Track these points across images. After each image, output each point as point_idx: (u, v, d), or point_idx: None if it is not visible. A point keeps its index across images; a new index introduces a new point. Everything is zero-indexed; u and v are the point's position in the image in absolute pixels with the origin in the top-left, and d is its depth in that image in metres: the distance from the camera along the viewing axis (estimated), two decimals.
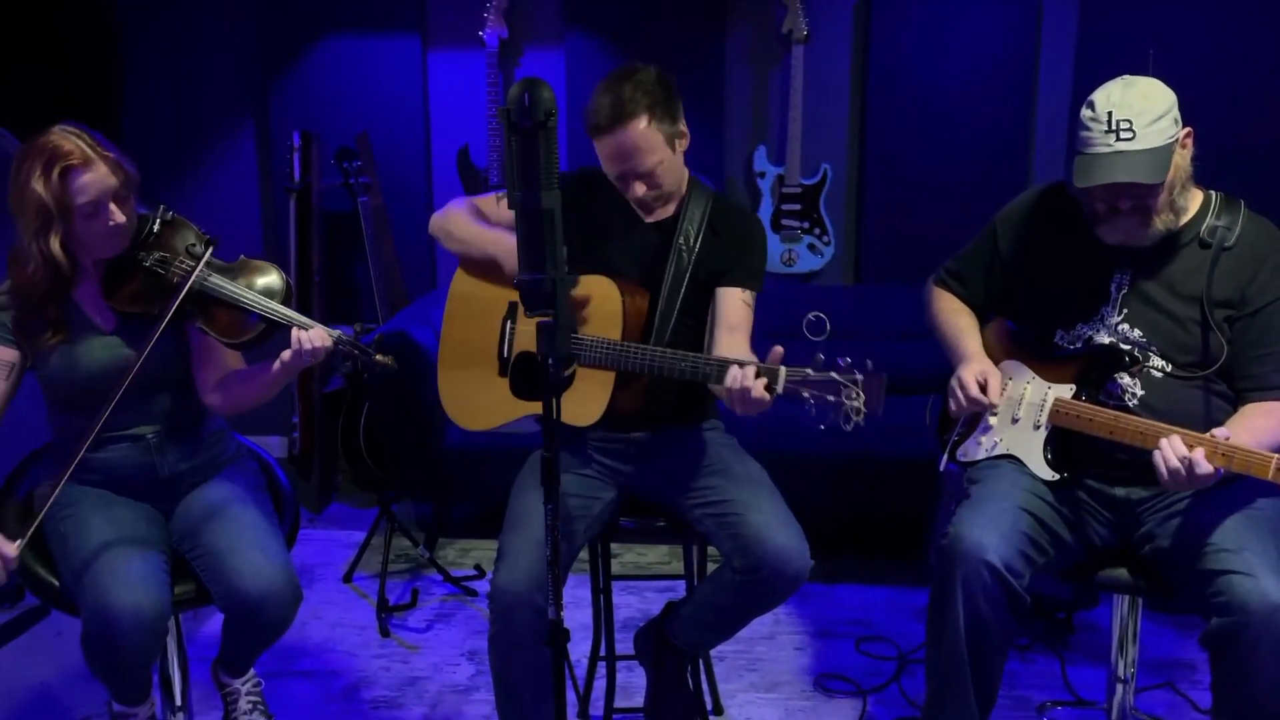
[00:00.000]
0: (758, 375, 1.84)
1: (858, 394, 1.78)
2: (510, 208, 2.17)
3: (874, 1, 3.97)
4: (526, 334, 2.16)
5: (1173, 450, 1.79)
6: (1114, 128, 1.86)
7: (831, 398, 1.79)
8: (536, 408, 1.69)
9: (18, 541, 1.85)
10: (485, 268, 2.23)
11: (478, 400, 2.23)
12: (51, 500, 1.89)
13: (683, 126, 2.12)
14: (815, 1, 3.99)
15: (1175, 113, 1.90)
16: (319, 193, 3.84)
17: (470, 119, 4.22)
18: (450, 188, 4.24)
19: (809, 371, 1.82)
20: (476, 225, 2.24)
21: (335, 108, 4.19)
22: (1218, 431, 1.80)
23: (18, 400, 2.06)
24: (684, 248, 2.15)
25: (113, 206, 1.93)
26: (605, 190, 2.19)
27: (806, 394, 1.82)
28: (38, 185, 1.86)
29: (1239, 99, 3.82)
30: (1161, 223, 1.94)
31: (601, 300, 2.09)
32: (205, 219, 2.24)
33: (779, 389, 1.84)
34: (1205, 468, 1.76)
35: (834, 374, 1.79)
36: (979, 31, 3.95)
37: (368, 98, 4.19)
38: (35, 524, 1.90)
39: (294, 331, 1.96)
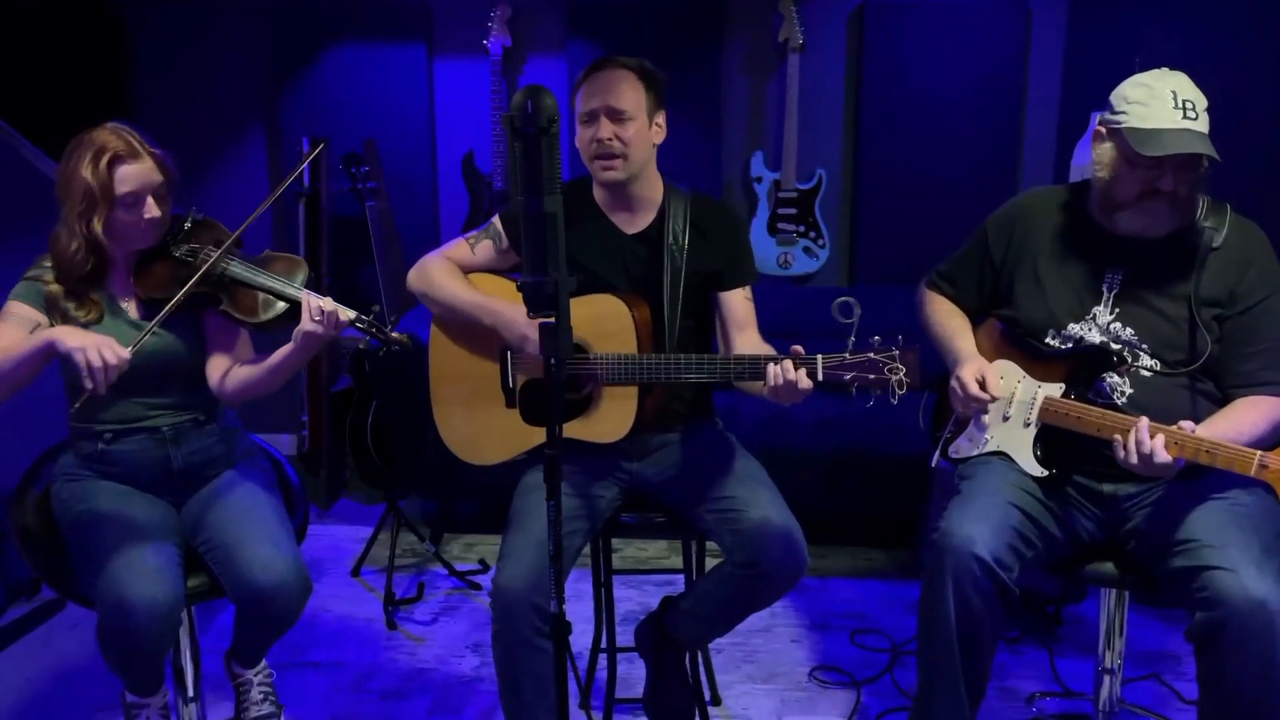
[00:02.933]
0: (796, 367, 1.86)
1: (897, 367, 1.82)
2: (505, 221, 2.22)
3: (868, 11, 3.98)
4: (531, 364, 2.15)
5: (1133, 442, 1.82)
6: (1180, 105, 1.87)
7: (873, 376, 1.84)
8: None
9: (130, 347, 1.87)
10: (472, 327, 2.18)
11: (488, 436, 2.19)
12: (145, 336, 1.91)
13: (661, 119, 2.15)
14: (811, 11, 4.00)
15: None
16: (328, 197, 3.85)
17: (475, 125, 4.23)
18: (455, 192, 4.25)
19: (845, 355, 1.85)
20: (462, 288, 2.18)
21: (344, 114, 4.19)
22: (1185, 424, 1.82)
23: (36, 394, 2.06)
24: (674, 247, 2.14)
25: (151, 200, 2.00)
26: (585, 207, 2.19)
27: (848, 376, 1.85)
28: (85, 172, 1.94)
29: (1222, 106, 3.81)
30: (1183, 215, 1.95)
31: (611, 317, 2.08)
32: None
33: (820, 377, 1.86)
34: (1163, 457, 1.79)
35: (871, 354, 1.83)
36: (970, 40, 3.96)
37: (375, 105, 4.20)
38: (144, 334, 1.92)
39: (304, 299, 1.96)
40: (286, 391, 3.91)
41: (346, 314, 1.96)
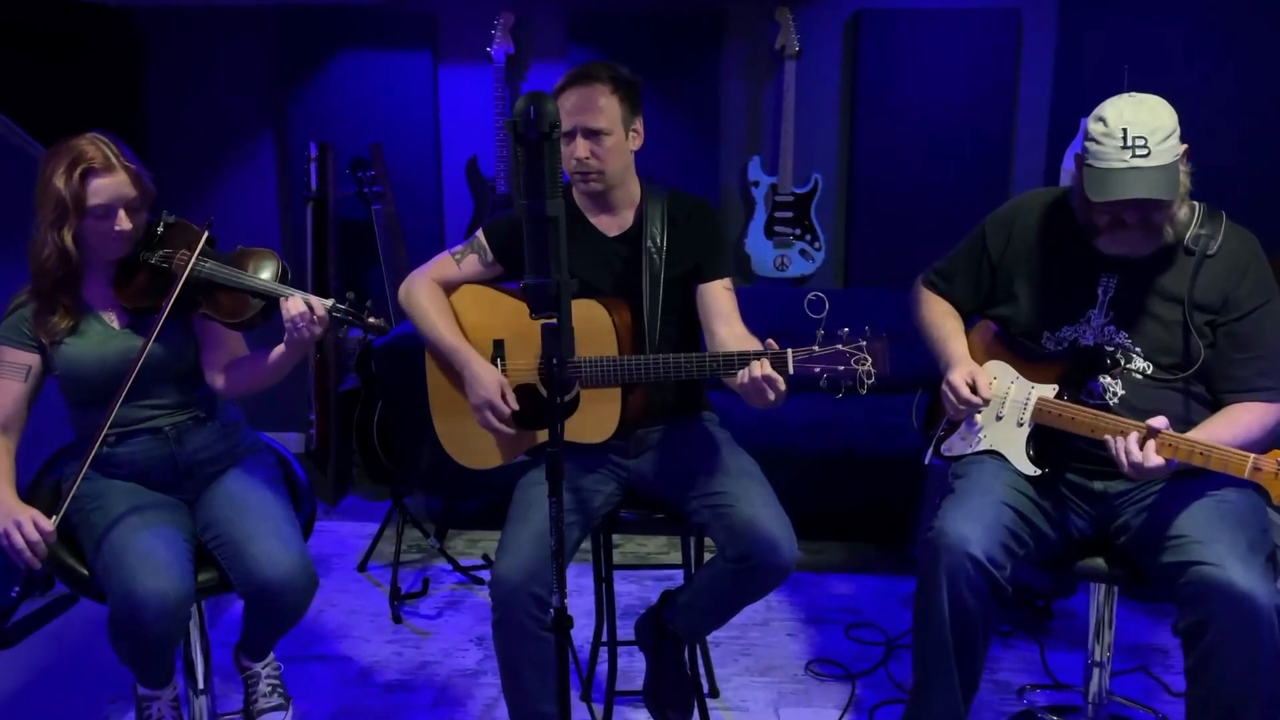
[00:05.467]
0: (772, 364, 1.85)
1: (864, 359, 1.81)
2: (489, 234, 2.21)
3: (862, 20, 3.97)
4: (519, 370, 2.14)
5: (1124, 448, 1.82)
6: (1129, 144, 1.84)
7: (841, 367, 1.83)
8: (545, 436, 1.68)
9: (53, 518, 1.86)
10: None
11: (486, 441, 2.18)
12: (79, 479, 1.89)
13: (638, 125, 2.14)
14: (807, 19, 3.99)
15: (1178, 130, 1.87)
16: (335, 201, 3.84)
17: (479, 130, 4.22)
18: (459, 196, 4.24)
19: (814, 349, 1.84)
20: (441, 325, 2.17)
21: (350, 120, 4.19)
22: (1155, 421, 1.82)
23: (44, 403, 2.06)
24: (653, 249, 2.13)
25: (122, 213, 1.97)
26: (568, 212, 2.17)
27: (818, 369, 1.84)
28: (59, 181, 1.91)
29: (1211, 112, 3.82)
30: (1160, 239, 1.94)
31: (590, 322, 2.06)
32: (226, 227, 2.24)
33: (790, 371, 1.85)
34: (1154, 461, 1.80)
35: (839, 346, 1.82)
36: (963, 47, 3.96)
37: (381, 110, 4.19)
38: (65, 503, 1.89)
39: (281, 302, 1.95)
40: (294, 391, 3.93)
41: (323, 306, 1.95)
